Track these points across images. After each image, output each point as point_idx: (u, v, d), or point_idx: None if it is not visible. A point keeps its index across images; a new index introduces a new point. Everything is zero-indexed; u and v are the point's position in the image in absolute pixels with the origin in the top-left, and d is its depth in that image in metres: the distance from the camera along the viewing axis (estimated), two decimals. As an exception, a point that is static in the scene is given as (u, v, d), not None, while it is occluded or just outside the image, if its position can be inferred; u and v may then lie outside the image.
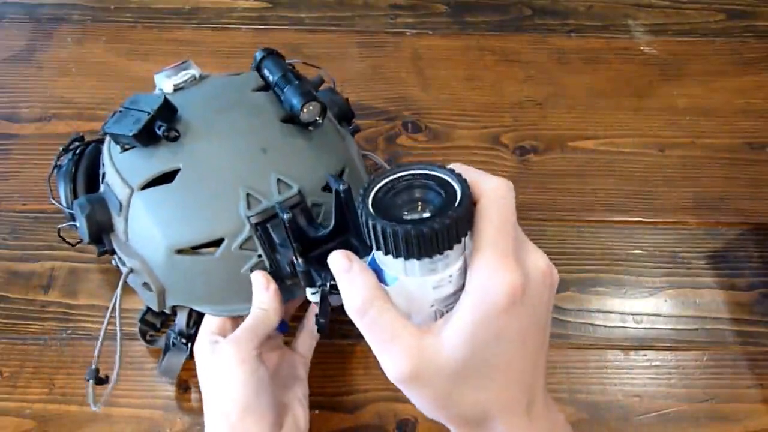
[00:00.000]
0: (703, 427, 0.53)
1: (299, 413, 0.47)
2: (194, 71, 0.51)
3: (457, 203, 0.28)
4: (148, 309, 0.55)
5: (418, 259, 0.28)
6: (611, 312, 0.59)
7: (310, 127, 0.48)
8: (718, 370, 0.56)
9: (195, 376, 0.49)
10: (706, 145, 0.70)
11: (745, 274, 0.62)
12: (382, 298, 0.31)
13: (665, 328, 0.58)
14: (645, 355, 0.57)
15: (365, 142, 0.69)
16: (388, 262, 0.30)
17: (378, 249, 0.29)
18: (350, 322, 0.34)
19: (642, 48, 0.79)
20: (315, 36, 0.78)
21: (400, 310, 0.31)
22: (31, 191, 0.64)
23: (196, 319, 0.51)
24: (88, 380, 0.46)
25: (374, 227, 0.28)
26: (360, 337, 0.55)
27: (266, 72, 0.50)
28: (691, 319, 0.59)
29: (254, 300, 0.45)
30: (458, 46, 0.78)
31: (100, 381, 0.47)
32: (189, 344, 0.51)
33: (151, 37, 0.76)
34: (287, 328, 0.52)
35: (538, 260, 0.31)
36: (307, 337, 0.52)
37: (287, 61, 0.52)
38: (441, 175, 0.30)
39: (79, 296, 0.58)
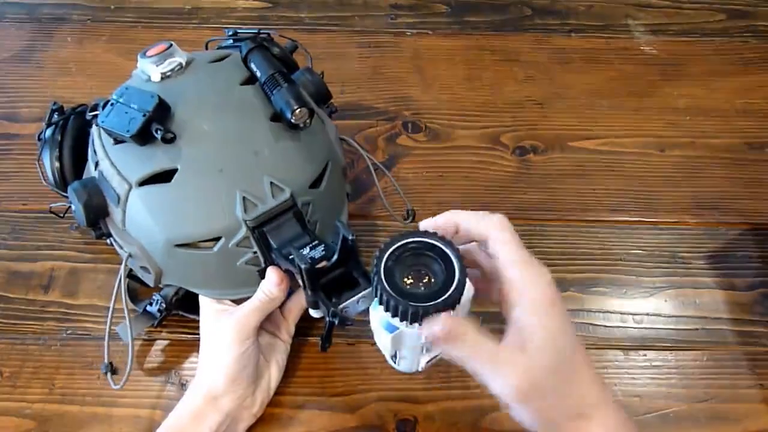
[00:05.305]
0: (703, 427, 0.53)
1: (274, 374, 0.51)
2: (179, 58, 0.51)
3: (455, 284, 0.34)
4: None
5: (420, 324, 0.34)
6: (611, 312, 0.59)
7: (298, 128, 0.49)
8: (718, 370, 0.56)
9: (194, 375, 0.49)
10: (706, 145, 0.70)
11: (745, 274, 0.61)
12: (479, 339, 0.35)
13: (665, 328, 0.58)
14: (645, 355, 0.57)
15: (365, 142, 0.69)
16: (393, 320, 0.35)
17: (387, 311, 0.35)
18: (348, 325, 0.39)
19: (642, 48, 0.79)
20: (315, 36, 0.78)
21: (393, 348, 0.38)
22: (31, 191, 0.64)
23: (181, 295, 0.53)
24: (105, 373, 0.50)
25: (388, 300, 0.34)
26: (359, 337, 0.55)
27: (253, 67, 0.51)
28: (691, 319, 0.59)
29: (264, 288, 0.47)
30: (458, 46, 0.78)
31: (115, 371, 0.51)
32: (161, 315, 0.53)
33: (151, 37, 0.76)
34: None
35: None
36: (296, 306, 0.53)
37: (260, 32, 0.53)
38: (441, 247, 0.35)
39: (78, 296, 0.58)
